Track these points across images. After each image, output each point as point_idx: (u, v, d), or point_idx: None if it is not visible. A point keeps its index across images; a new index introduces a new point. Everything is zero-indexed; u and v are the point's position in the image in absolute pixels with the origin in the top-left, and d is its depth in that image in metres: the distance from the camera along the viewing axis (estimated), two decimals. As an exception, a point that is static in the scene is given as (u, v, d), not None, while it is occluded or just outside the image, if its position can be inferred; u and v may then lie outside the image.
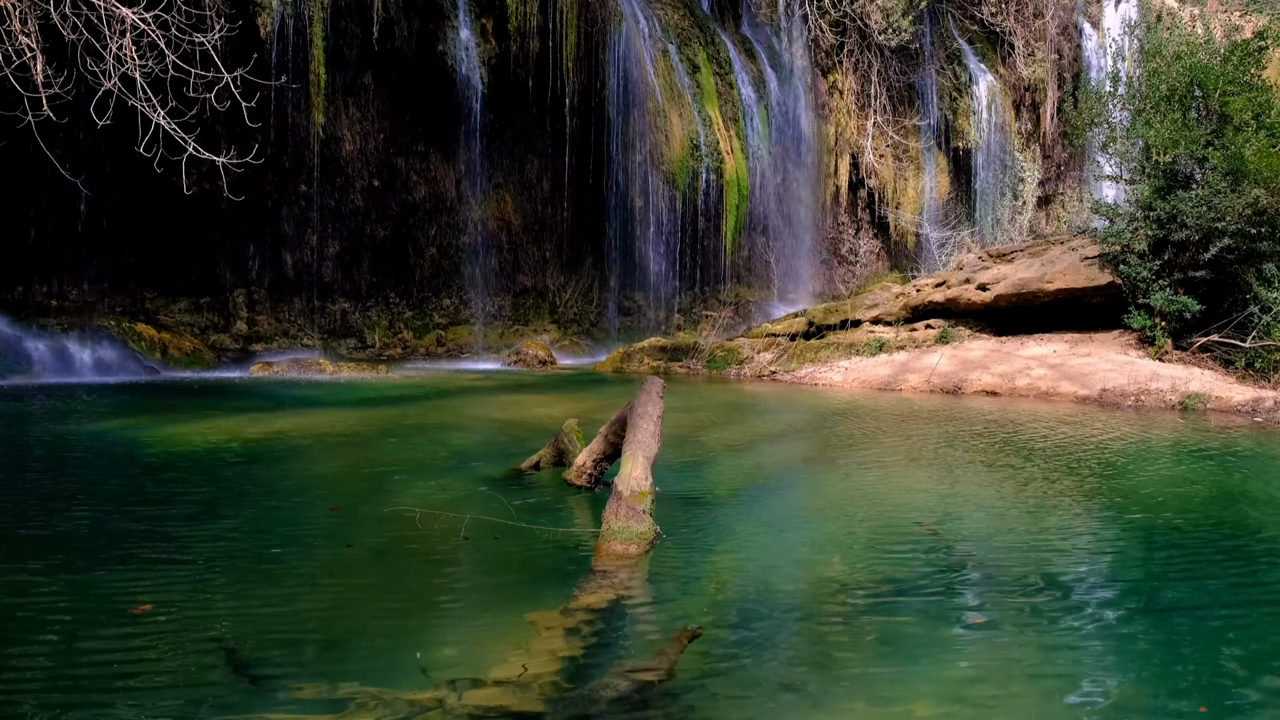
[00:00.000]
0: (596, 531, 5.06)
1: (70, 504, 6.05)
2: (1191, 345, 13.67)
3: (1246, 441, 9.14)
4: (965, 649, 3.77)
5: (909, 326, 16.76)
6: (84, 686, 3.28)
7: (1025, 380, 13.26)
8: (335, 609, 4.17)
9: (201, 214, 17.56)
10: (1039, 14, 27.03)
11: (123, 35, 7.15)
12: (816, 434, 9.88)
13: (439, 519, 5.52)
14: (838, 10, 24.51)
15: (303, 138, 18.52)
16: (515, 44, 20.01)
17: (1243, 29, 20.30)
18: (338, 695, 3.18)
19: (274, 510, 5.99)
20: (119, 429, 9.27)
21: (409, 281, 20.93)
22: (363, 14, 18.55)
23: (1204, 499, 6.62)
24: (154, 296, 18.31)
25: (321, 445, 8.65)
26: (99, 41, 7.28)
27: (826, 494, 6.91)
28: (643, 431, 5.63)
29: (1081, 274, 15.08)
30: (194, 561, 4.78)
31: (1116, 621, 4.13)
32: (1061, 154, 27.73)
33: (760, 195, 23.27)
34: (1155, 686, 3.43)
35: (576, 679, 3.33)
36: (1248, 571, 4.92)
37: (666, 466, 6.32)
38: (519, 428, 9.72)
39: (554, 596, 4.27)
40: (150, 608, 4.02)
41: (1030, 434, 9.49)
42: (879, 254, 26.32)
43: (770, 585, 4.58)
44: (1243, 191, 13.16)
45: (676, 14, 22.98)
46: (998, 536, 5.56)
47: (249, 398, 12.52)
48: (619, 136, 21.10)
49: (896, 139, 25.59)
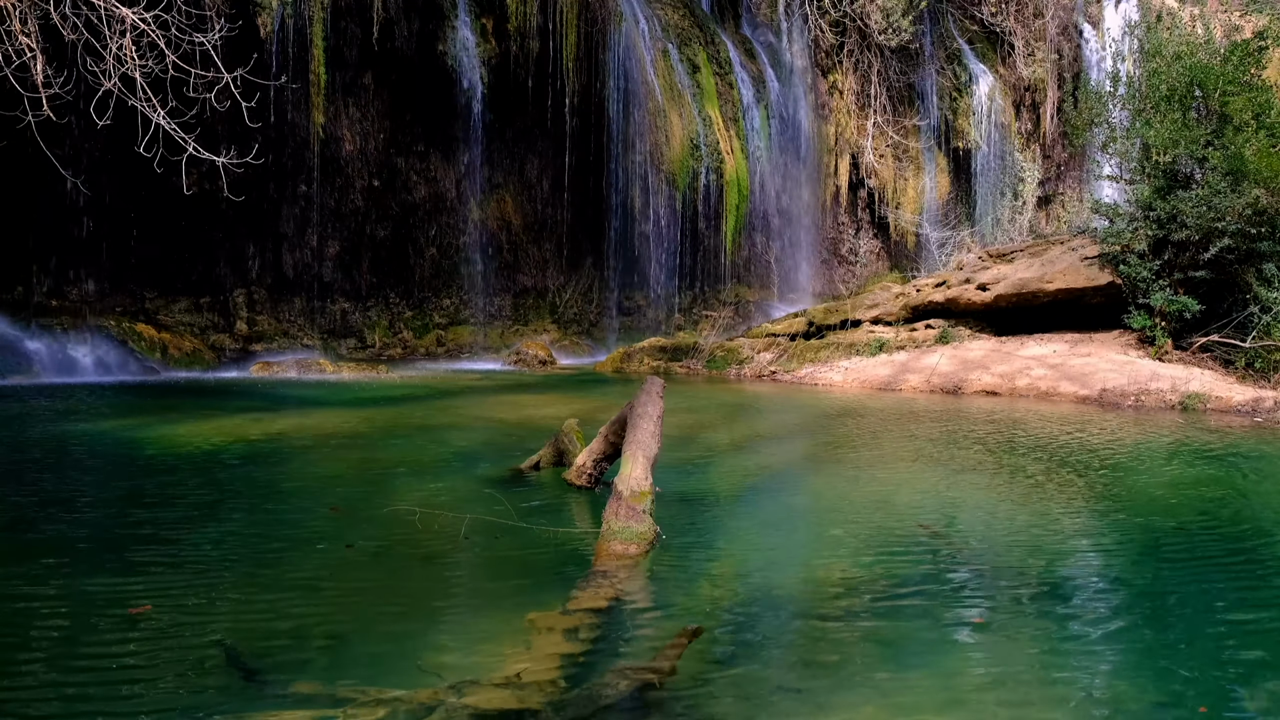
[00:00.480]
0: (596, 531, 5.06)
1: (70, 504, 6.05)
2: (1191, 345, 13.67)
3: (1247, 442, 9.14)
4: (966, 649, 3.77)
5: (909, 326, 16.75)
6: (84, 687, 3.28)
7: (1025, 380, 13.26)
8: (335, 609, 4.17)
9: (201, 214, 17.56)
10: (1039, 14, 27.02)
11: (123, 35, 7.15)
12: (816, 434, 9.87)
13: (439, 519, 5.52)
14: (838, 10, 24.51)
15: (303, 138, 18.51)
16: (515, 44, 20.01)
17: (1243, 29, 20.32)
18: (338, 695, 3.17)
19: (274, 510, 5.99)
20: (119, 429, 9.27)
21: (409, 281, 20.93)
22: (363, 14, 18.54)
23: (1204, 499, 6.62)
24: (154, 296, 18.30)
25: (321, 445, 8.65)
26: (99, 41, 7.28)
27: (827, 494, 6.91)
28: (643, 431, 5.63)
29: (1081, 274, 15.08)
30: (194, 562, 4.77)
31: (1117, 622, 4.13)
32: (1061, 154, 27.72)
33: (760, 195, 23.27)
34: (1156, 687, 3.43)
35: (576, 679, 3.33)
36: (1249, 572, 4.92)
37: (666, 466, 6.32)
38: (519, 428, 9.72)
39: (554, 596, 4.27)
40: (150, 608, 4.01)
41: (1030, 434, 9.49)
42: (879, 254, 26.32)
43: (770, 585, 4.58)
44: (1243, 191, 13.16)
45: (676, 14, 22.98)
46: (998, 537, 5.56)
47: (249, 398, 12.52)
48: (619, 136, 21.10)
49: (896, 139, 25.59)
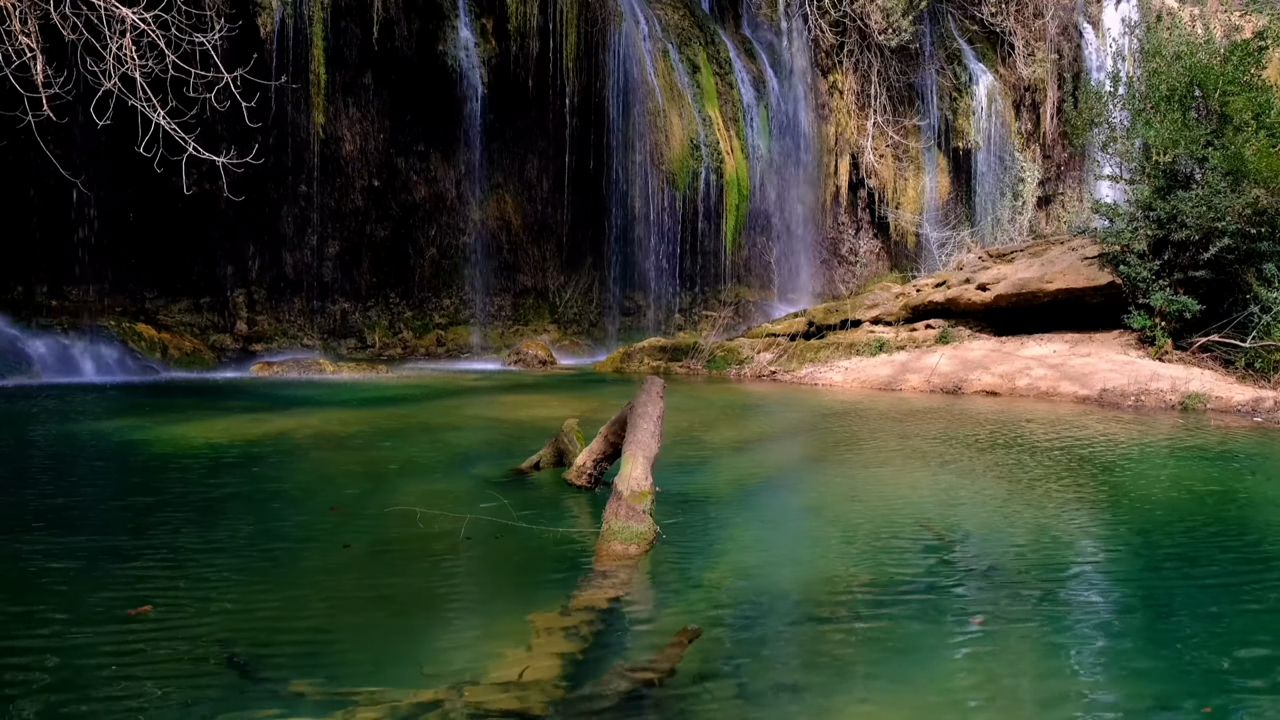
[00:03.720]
0: (596, 531, 5.06)
1: (70, 504, 6.05)
2: (1191, 345, 13.67)
3: (1247, 442, 9.14)
4: (966, 649, 3.77)
5: (909, 326, 16.75)
6: (84, 687, 3.28)
7: (1025, 380, 13.26)
8: (335, 609, 4.17)
9: (201, 214, 17.55)
10: (1039, 14, 27.02)
11: (123, 35, 7.15)
12: (816, 434, 9.87)
13: (439, 519, 5.51)
14: (838, 10, 24.51)
15: (303, 138, 18.51)
16: (515, 44, 20.01)
17: (1243, 29, 20.30)
18: (338, 695, 3.17)
19: (274, 510, 5.99)
20: (119, 429, 9.26)
21: (409, 281, 20.92)
22: (363, 14, 18.54)
23: (1205, 499, 6.62)
24: (154, 296, 18.29)
25: (321, 445, 8.65)
26: (99, 41, 7.28)
27: (827, 494, 6.91)
28: (643, 431, 5.63)
29: (1081, 274, 15.08)
30: (194, 562, 4.77)
31: (1119, 622, 4.13)
32: (1061, 154, 27.72)
33: (760, 195, 23.27)
34: (1156, 686, 3.43)
35: (576, 679, 3.33)
36: (1250, 571, 4.92)
37: (666, 466, 6.32)
38: (519, 428, 9.72)
39: (554, 596, 4.27)
40: (150, 609, 4.01)
41: (1031, 434, 9.49)
42: (879, 254, 26.31)
43: (770, 585, 4.58)
44: (1243, 191, 13.16)
45: (676, 14, 22.97)
46: (998, 537, 5.55)
47: (249, 398, 12.51)
48: (619, 136, 21.09)
49: (896, 139, 25.59)
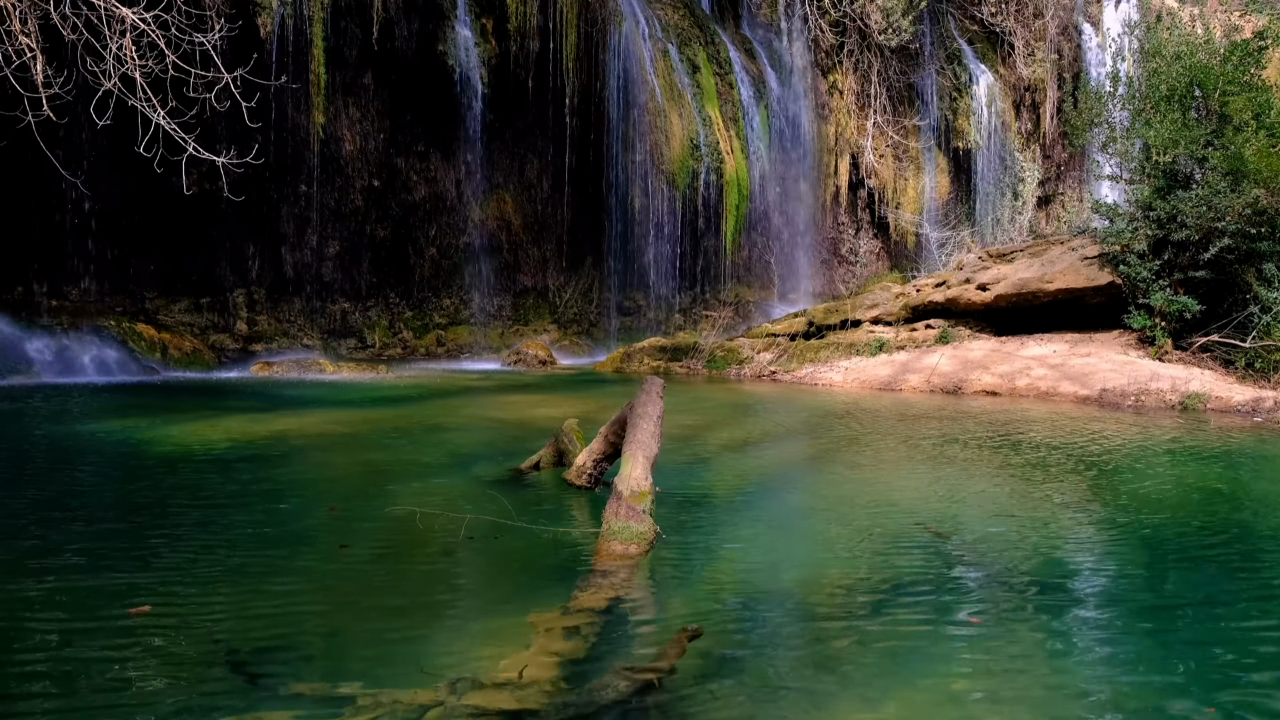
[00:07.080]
0: (596, 531, 5.06)
1: (70, 504, 6.05)
2: (1191, 345, 13.67)
3: (1247, 442, 9.14)
4: (966, 649, 3.76)
5: (909, 326, 16.75)
6: (84, 688, 3.28)
7: (1025, 380, 13.26)
8: (335, 609, 4.17)
9: (201, 214, 17.56)
10: (1039, 14, 27.02)
11: (123, 35, 7.15)
12: (817, 434, 9.87)
13: (439, 519, 5.51)
14: (838, 10, 24.51)
15: (303, 138, 18.52)
16: (515, 44, 20.01)
17: (1243, 29, 20.31)
18: (338, 695, 3.17)
19: (274, 510, 5.99)
20: (119, 429, 9.26)
21: (409, 281, 20.93)
22: (363, 14, 18.55)
23: (1205, 499, 6.62)
24: (154, 296, 18.30)
25: (321, 445, 8.65)
26: (99, 41, 7.28)
27: (827, 494, 6.91)
28: (643, 431, 5.63)
29: (1081, 274, 15.08)
30: (193, 562, 4.77)
31: (1118, 621, 4.13)
32: (1061, 154, 27.72)
33: (760, 195, 23.26)
34: (1157, 686, 3.43)
35: (576, 679, 3.33)
36: (1251, 571, 4.92)
37: (666, 466, 6.32)
38: (519, 428, 9.72)
39: (554, 596, 4.26)
40: (149, 609, 4.01)
41: (1031, 434, 9.49)
42: (879, 254, 26.31)
43: (770, 585, 4.58)
44: (1243, 191, 13.16)
45: (676, 14, 22.97)
46: (999, 536, 5.55)
47: (249, 398, 12.52)
48: (619, 136, 21.10)
49: (896, 139, 25.58)
